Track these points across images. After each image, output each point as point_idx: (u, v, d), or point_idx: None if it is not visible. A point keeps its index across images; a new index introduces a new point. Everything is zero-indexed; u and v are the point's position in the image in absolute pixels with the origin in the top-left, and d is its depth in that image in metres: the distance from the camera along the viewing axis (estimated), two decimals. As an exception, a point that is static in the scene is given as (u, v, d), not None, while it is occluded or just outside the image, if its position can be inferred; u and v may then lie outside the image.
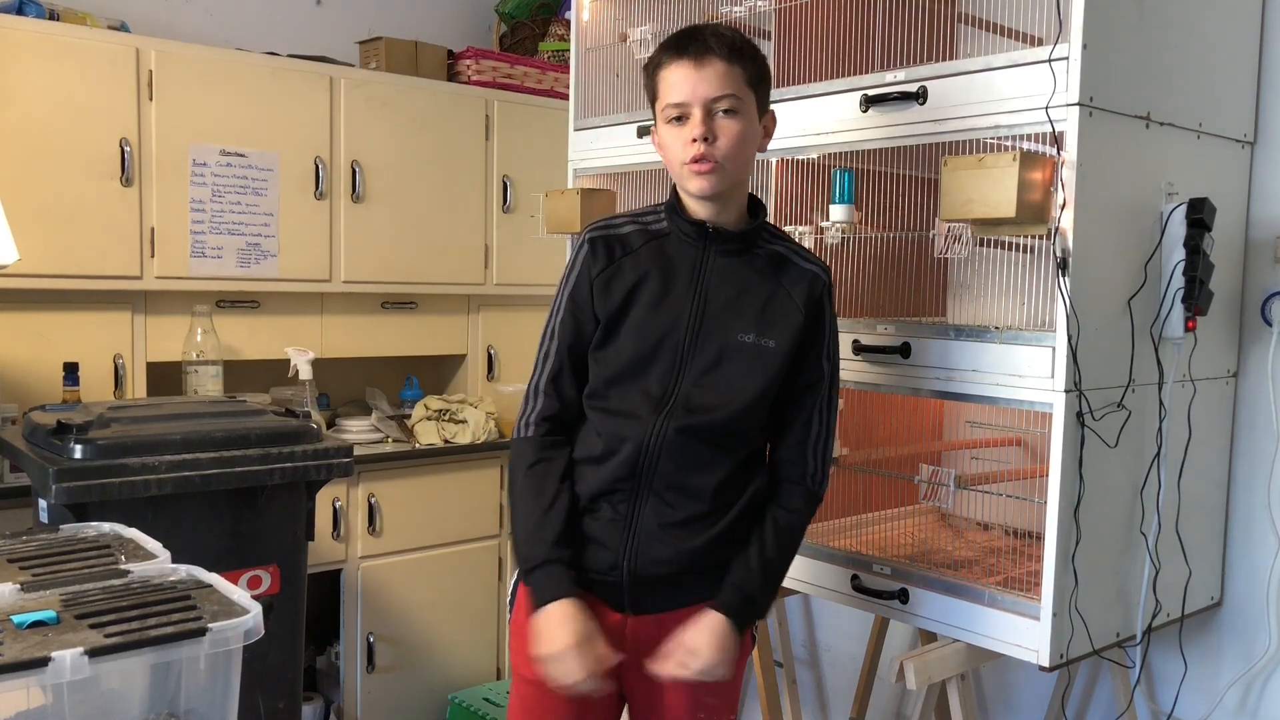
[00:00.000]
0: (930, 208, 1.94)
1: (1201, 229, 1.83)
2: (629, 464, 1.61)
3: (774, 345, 1.62)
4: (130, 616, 1.08)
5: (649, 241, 1.66)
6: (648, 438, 1.60)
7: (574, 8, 2.59)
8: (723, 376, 1.61)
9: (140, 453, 2.11)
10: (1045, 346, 1.73)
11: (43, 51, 2.61)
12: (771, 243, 1.68)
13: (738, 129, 1.58)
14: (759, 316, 1.62)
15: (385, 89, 3.17)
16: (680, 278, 1.63)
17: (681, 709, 1.70)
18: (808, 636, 3.06)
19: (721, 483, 1.63)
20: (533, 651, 1.60)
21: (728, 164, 1.58)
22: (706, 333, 1.61)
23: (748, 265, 1.65)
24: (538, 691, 1.67)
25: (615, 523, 1.63)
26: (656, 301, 1.62)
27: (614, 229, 1.68)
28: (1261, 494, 2.11)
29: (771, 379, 1.62)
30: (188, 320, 2.88)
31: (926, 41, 2.06)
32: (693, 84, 1.56)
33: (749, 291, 1.63)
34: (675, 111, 1.58)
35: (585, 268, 1.66)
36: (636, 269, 1.64)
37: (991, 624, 1.82)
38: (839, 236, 2.09)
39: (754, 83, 1.61)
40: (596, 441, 1.64)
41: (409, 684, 3.16)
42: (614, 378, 1.64)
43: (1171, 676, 2.23)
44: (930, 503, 1.93)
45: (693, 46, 1.57)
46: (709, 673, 1.58)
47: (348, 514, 3.01)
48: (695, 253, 1.64)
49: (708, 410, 1.60)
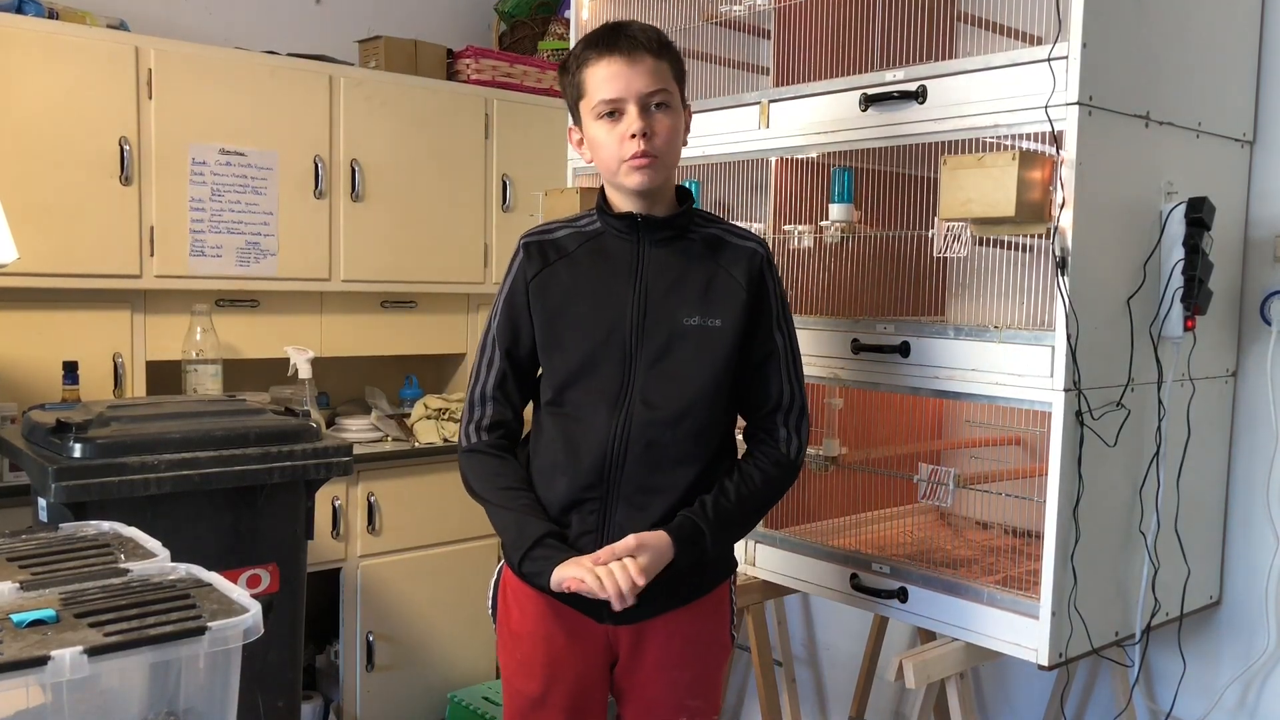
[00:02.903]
0: (929, 207, 1.94)
1: (1201, 228, 1.83)
2: (595, 470, 1.60)
3: (720, 324, 1.62)
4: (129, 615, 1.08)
5: (584, 243, 1.67)
6: (611, 440, 1.60)
7: (574, 7, 2.59)
8: (674, 363, 1.61)
9: (140, 451, 2.11)
10: (1044, 346, 1.73)
11: (42, 50, 2.61)
12: (705, 226, 1.69)
13: (670, 123, 1.60)
14: (702, 298, 1.62)
15: (385, 88, 3.17)
16: (618, 272, 1.64)
17: (665, 710, 1.70)
18: (807, 635, 3.06)
19: (694, 482, 1.63)
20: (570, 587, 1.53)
21: (665, 157, 1.60)
22: (652, 321, 1.61)
23: (683, 250, 1.65)
24: (529, 702, 1.69)
25: (587, 535, 1.62)
26: (597, 298, 1.63)
27: (548, 234, 1.70)
28: (1260, 493, 2.11)
29: (724, 358, 1.62)
30: (187, 319, 2.88)
31: (926, 40, 2.06)
32: (626, 79, 1.56)
33: (688, 275, 1.64)
34: (608, 108, 1.58)
35: (520, 272, 1.68)
36: (573, 270, 1.66)
37: (990, 623, 1.82)
38: (838, 235, 2.09)
39: (679, 78, 1.64)
40: (558, 449, 1.64)
41: (408, 683, 3.16)
42: (566, 381, 1.64)
43: (1170, 675, 2.23)
44: (929, 502, 1.93)
45: (623, 42, 1.57)
46: (629, 574, 1.50)
47: (347, 513, 3.01)
48: (630, 245, 1.65)
49: (666, 400, 1.60)
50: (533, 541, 1.58)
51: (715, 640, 1.74)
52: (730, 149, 2.25)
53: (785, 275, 2.20)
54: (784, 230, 2.19)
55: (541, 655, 1.68)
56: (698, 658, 1.71)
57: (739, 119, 2.22)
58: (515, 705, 1.74)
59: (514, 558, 1.62)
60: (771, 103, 2.16)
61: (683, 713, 1.70)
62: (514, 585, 1.71)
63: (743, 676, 3.17)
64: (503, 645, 1.76)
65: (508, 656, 1.74)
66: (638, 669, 1.70)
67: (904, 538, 2.23)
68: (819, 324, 2.08)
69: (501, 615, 1.75)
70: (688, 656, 1.70)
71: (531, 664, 1.69)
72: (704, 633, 1.72)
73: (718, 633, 1.74)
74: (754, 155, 2.21)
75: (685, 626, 1.68)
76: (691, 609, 1.68)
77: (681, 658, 1.69)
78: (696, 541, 1.58)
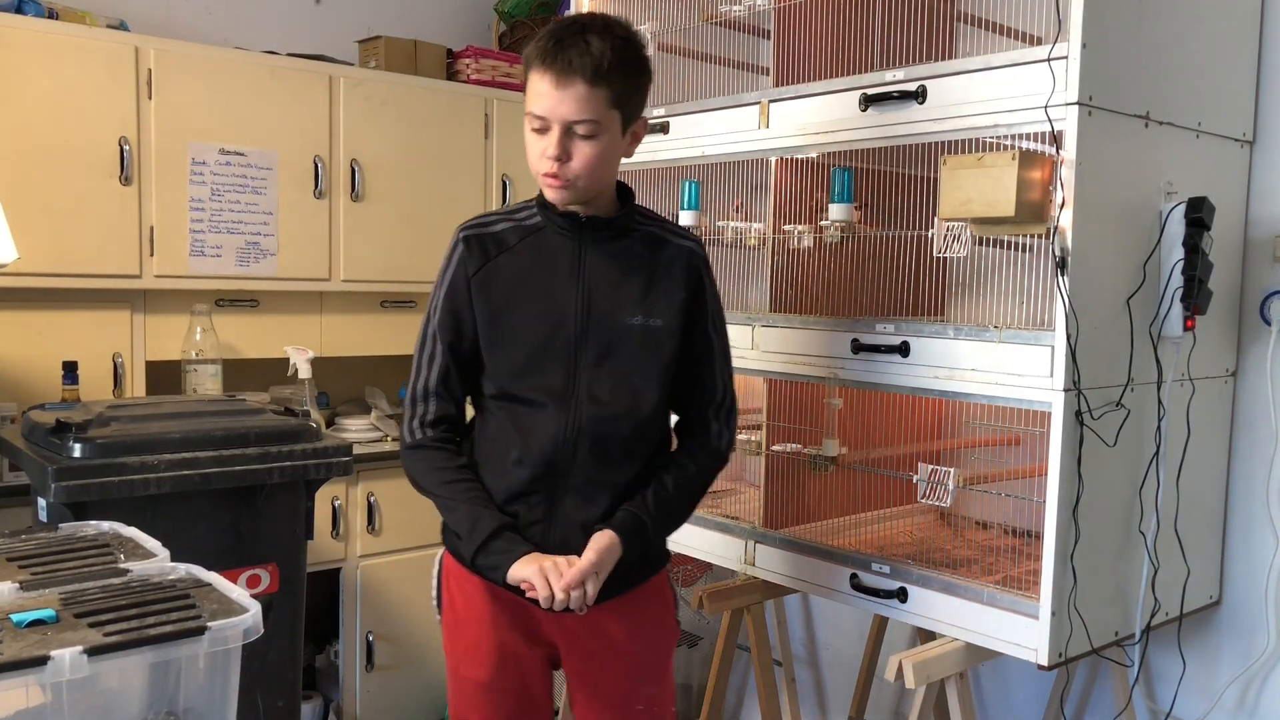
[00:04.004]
0: (929, 207, 1.94)
1: (1200, 228, 1.83)
2: (546, 463, 1.63)
3: (662, 324, 1.65)
4: (129, 615, 1.08)
5: (525, 237, 1.67)
6: (562, 435, 1.62)
7: (573, 7, 2.59)
8: (619, 362, 1.64)
9: (139, 451, 2.11)
10: (1044, 346, 1.73)
11: (42, 50, 2.61)
12: (645, 224, 1.71)
13: (593, 152, 1.58)
14: (643, 298, 1.65)
15: (384, 88, 3.17)
16: (561, 270, 1.65)
17: (620, 698, 1.74)
18: (807, 635, 3.06)
19: (639, 473, 1.67)
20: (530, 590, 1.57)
21: (579, 183, 1.60)
22: (595, 321, 1.64)
23: (625, 249, 1.67)
24: (478, 687, 1.73)
25: (535, 525, 1.64)
26: (540, 297, 1.64)
27: (487, 227, 1.69)
28: (1260, 493, 2.11)
29: (667, 357, 1.66)
30: (187, 319, 2.88)
31: (926, 40, 2.06)
32: (553, 102, 1.56)
33: (630, 275, 1.66)
34: (536, 122, 1.59)
35: (460, 266, 1.67)
36: (515, 266, 1.65)
37: (990, 623, 1.82)
38: (838, 235, 2.09)
39: (618, 102, 1.59)
40: (507, 441, 1.65)
41: (408, 682, 3.16)
42: (511, 377, 1.65)
43: (1170, 675, 2.23)
44: (929, 502, 1.93)
45: (558, 61, 1.54)
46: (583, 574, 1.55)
47: (347, 513, 3.01)
48: (572, 244, 1.66)
49: (614, 398, 1.63)
50: (488, 534, 1.60)
51: (661, 625, 1.79)
52: (730, 149, 2.25)
53: (785, 275, 2.20)
54: (784, 230, 2.19)
55: (488, 640, 1.71)
56: (647, 644, 1.76)
57: (739, 119, 2.22)
58: (464, 691, 1.76)
59: (468, 551, 1.63)
60: (771, 103, 2.16)
61: (639, 701, 1.74)
62: (456, 572, 1.74)
63: (742, 676, 3.17)
64: (448, 632, 1.79)
65: (454, 643, 1.77)
66: (588, 657, 1.73)
67: (904, 538, 2.23)
68: (819, 324, 2.08)
69: (446, 603, 1.78)
70: (636, 644, 1.74)
71: (479, 649, 1.72)
72: (649, 619, 1.76)
73: (663, 617, 1.79)
74: (754, 155, 2.21)
75: (630, 613, 1.72)
76: (633, 596, 1.71)
77: (629, 646, 1.74)
78: (642, 534, 1.63)
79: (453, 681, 1.79)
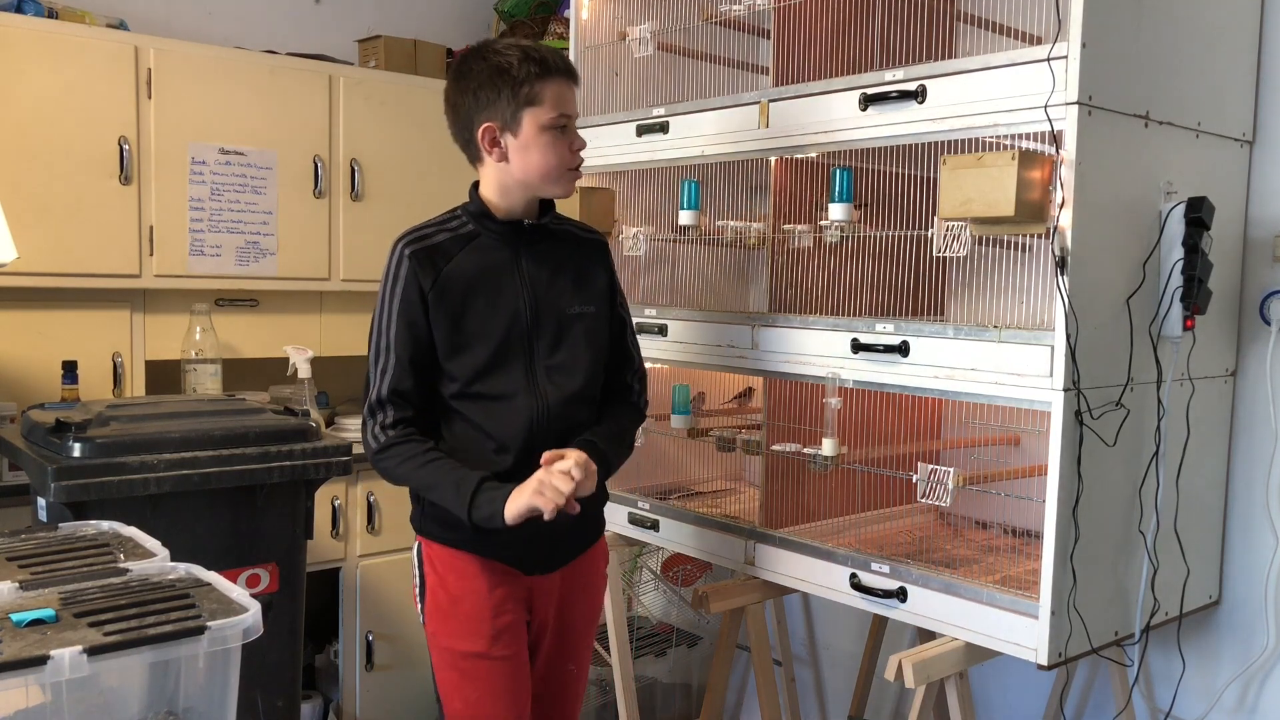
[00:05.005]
0: (929, 206, 1.94)
1: (1200, 228, 1.83)
2: (526, 446, 1.75)
3: (595, 309, 1.88)
4: (129, 615, 1.08)
5: (464, 246, 1.80)
6: (534, 419, 1.77)
7: (573, 6, 2.59)
8: (569, 347, 1.83)
9: (139, 451, 2.11)
10: (1044, 345, 1.73)
11: (41, 50, 2.61)
12: (561, 224, 1.90)
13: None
14: (577, 288, 1.86)
15: (384, 87, 3.17)
16: (503, 272, 1.80)
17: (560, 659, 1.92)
18: (806, 635, 3.06)
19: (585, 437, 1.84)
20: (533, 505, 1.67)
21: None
22: (543, 313, 1.81)
23: (552, 249, 1.86)
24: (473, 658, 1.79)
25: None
26: (491, 300, 1.78)
27: (427, 239, 1.79)
28: (1260, 492, 2.11)
29: (603, 337, 1.89)
30: (186, 319, 2.88)
31: (925, 40, 2.06)
32: (572, 100, 1.80)
33: (561, 270, 1.85)
34: (564, 122, 1.77)
35: (413, 281, 1.75)
36: (463, 274, 1.77)
37: (990, 622, 1.82)
38: (838, 235, 2.09)
39: None
40: (483, 429, 1.77)
41: (408, 682, 3.16)
42: (474, 377, 1.77)
43: (1170, 675, 2.23)
44: (929, 501, 1.93)
45: (564, 66, 1.78)
46: (574, 462, 1.70)
47: (346, 512, 3.01)
48: (510, 249, 1.82)
49: (570, 379, 1.82)
50: (473, 490, 1.69)
51: (603, 581, 2.02)
52: (730, 149, 2.25)
53: (785, 274, 2.21)
54: (784, 230, 2.19)
55: (485, 609, 1.80)
56: (592, 604, 1.97)
57: (738, 118, 2.22)
58: (458, 667, 1.81)
59: (461, 512, 1.70)
60: (771, 102, 2.16)
61: (571, 661, 1.94)
62: (439, 553, 1.82)
63: (742, 676, 3.17)
64: (438, 615, 1.83)
65: (445, 622, 1.82)
66: (552, 617, 1.88)
67: (903, 537, 2.23)
68: (819, 324, 2.08)
69: (432, 586, 1.83)
70: (586, 604, 1.94)
71: (477, 620, 1.80)
72: (596, 577, 1.98)
73: (601, 579, 2.01)
74: (753, 155, 2.21)
75: (585, 573, 1.93)
76: (586, 557, 1.92)
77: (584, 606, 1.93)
78: (605, 461, 1.81)
79: (444, 663, 1.83)
